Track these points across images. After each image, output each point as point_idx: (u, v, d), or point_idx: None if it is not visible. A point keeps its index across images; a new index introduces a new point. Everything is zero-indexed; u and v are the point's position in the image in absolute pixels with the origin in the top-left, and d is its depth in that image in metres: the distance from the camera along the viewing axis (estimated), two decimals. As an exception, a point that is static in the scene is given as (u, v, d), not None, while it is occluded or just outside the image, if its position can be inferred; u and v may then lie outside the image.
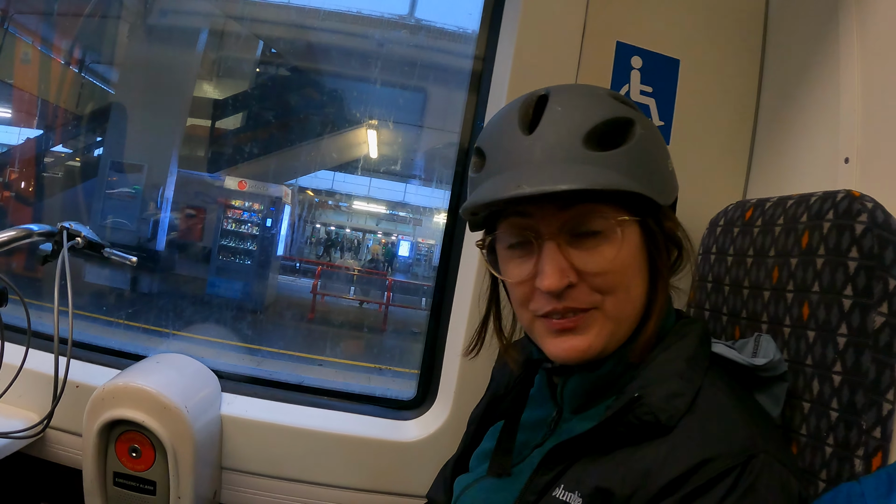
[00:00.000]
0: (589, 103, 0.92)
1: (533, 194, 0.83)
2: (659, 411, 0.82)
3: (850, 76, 1.22)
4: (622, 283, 0.89)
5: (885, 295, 0.89)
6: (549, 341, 0.93)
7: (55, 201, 7.43)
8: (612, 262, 0.88)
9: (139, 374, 1.47)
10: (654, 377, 0.87)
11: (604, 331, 0.90)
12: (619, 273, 0.89)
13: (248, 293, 8.32)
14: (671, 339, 0.93)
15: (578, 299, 0.89)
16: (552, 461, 0.89)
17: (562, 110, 0.90)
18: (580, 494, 0.84)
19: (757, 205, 1.18)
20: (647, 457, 0.81)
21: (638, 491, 0.79)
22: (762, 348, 1.00)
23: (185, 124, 7.96)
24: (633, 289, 0.91)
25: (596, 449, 0.86)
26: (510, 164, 0.90)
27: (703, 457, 0.77)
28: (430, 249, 12.48)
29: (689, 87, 1.55)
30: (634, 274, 0.91)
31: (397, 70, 7.87)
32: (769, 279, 1.09)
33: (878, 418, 0.87)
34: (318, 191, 11.76)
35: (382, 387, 5.05)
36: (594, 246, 0.88)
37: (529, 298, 0.93)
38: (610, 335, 0.90)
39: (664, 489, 0.78)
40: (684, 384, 0.86)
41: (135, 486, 1.42)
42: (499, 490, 0.98)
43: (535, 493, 0.89)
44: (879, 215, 0.91)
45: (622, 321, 0.91)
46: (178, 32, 7.61)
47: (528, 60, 1.50)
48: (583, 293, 0.89)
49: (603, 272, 0.88)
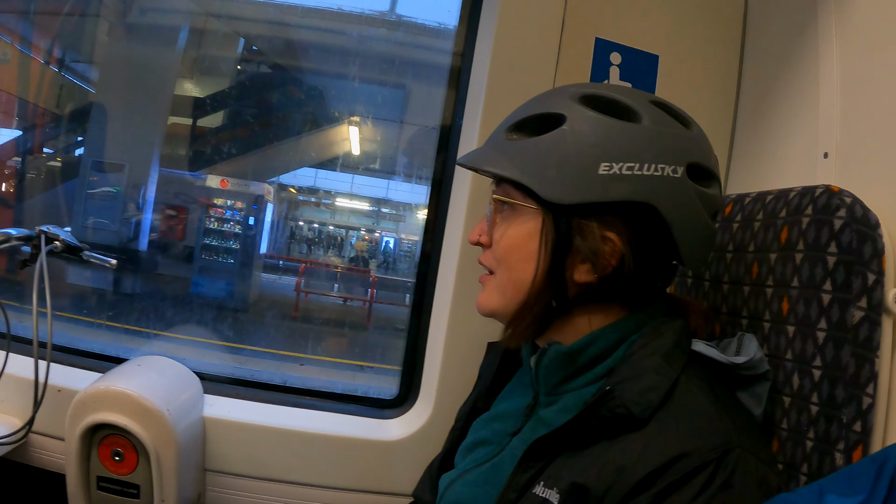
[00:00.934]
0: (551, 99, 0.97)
1: (458, 163, 1.04)
2: (631, 404, 0.83)
3: (829, 71, 1.23)
4: (507, 259, 0.97)
5: (864, 290, 0.89)
6: None
7: (35, 203, 7.33)
8: (504, 237, 0.97)
9: (121, 377, 1.45)
10: (630, 372, 0.88)
11: (494, 294, 1.00)
12: (506, 249, 0.97)
13: (232, 292, 8.24)
14: (650, 335, 0.93)
15: (486, 259, 1.02)
16: (533, 457, 0.90)
17: (526, 103, 1.01)
18: (558, 490, 0.84)
19: (736, 200, 1.19)
20: (621, 452, 0.81)
21: (612, 487, 0.79)
22: (744, 347, 1.01)
23: (166, 123, 7.89)
24: (516, 271, 0.96)
25: (573, 444, 0.87)
26: None
27: (678, 452, 0.78)
28: (412, 246, 12.48)
29: (669, 82, 1.56)
30: (521, 258, 0.95)
31: (378, 66, 7.84)
32: (749, 274, 1.09)
33: (859, 412, 0.88)
34: (301, 188, 11.70)
35: (366, 384, 5.05)
36: (502, 218, 0.99)
37: None
38: (498, 301, 0.99)
39: (638, 485, 0.78)
40: (659, 379, 0.86)
41: (118, 489, 1.41)
42: (483, 483, 0.99)
43: (517, 491, 0.89)
44: (858, 210, 0.92)
45: (505, 294, 0.98)
46: (158, 30, 7.51)
47: (506, 56, 1.49)
48: (488, 256, 1.01)
49: (495, 242, 0.99)
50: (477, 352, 1.29)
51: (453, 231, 1.58)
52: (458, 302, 1.52)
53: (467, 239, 1.07)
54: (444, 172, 1.70)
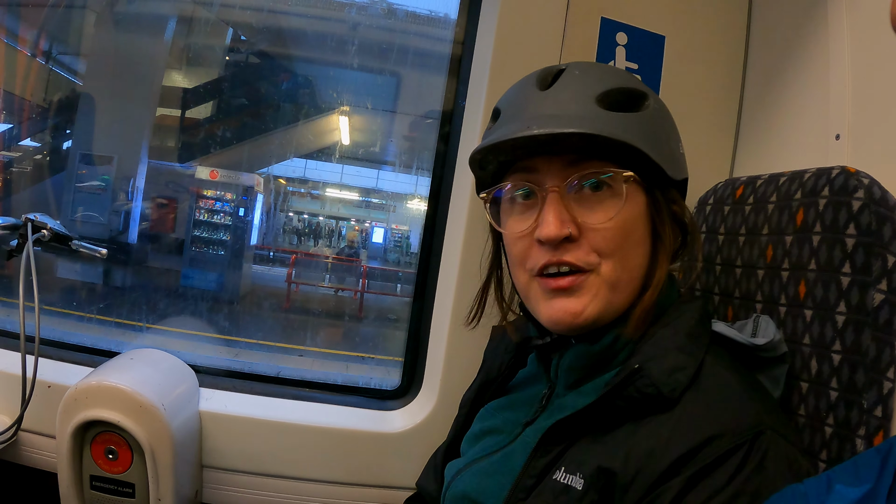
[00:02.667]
0: (605, 71, 0.96)
1: (540, 134, 0.84)
2: (660, 384, 0.80)
3: (839, 51, 1.20)
4: (621, 246, 0.88)
5: (884, 272, 0.87)
6: (543, 305, 0.91)
7: (23, 197, 7.28)
8: (614, 220, 0.87)
9: (113, 371, 1.41)
10: (654, 351, 0.85)
11: (599, 296, 0.88)
12: (619, 233, 0.88)
13: (223, 284, 8.23)
14: (670, 316, 0.91)
15: (576, 255, 0.88)
16: (551, 441, 0.87)
17: (579, 73, 0.92)
18: (582, 476, 0.81)
19: (748, 182, 1.16)
20: (650, 435, 0.79)
21: (641, 471, 0.77)
22: (761, 329, 0.99)
23: (154, 114, 7.83)
24: (631, 257, 0.90)
25: (596, 427, 0.84)
26: (521, 114, 0.91)
27: (709, 433, 0.75)
28: (402, 236, 12.49)
29: (675, 63, 1.53)
30: (636, 242, 0.90)
31: (369, 54, 7.80)
32: (763, 258, 1.07)
33: (879, 397, 0.86)
34: (291, 179, 11.65)
35: (360, 375, 5.05)
36: (598, 200, 0.88)
37: (527, 255, 0.92)
38: (605, 303, 0.89)
39: (669, 469, 0.75)
40: (686, 358, 0.84)
41: (113, 489, 1.37)
42: (492, 473, 0.96)
43: (534, 477, 0.87)
44: (876, 191, 0.90)
45: (618, 289, 0.89)
46: (145, 20, 7.46)
47: (510, 39, 1.46)
48: (581, 251, 0.88)
49: (603, 227, 0.87)
50: (482, 340, 1.26)
51: (456, 217, 1.55)
52: (462, 290, 1.49)
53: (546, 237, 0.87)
54: (446, 159, 1.67)
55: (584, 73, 0.92)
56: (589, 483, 0.80)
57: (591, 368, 0.93)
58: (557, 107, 0.89)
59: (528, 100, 0.92)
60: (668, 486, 0.75)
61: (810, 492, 0.64)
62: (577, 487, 0.81)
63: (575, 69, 0.93)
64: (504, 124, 0.92)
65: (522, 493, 0.87)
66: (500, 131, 0.90)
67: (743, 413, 0.78)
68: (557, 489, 0.83)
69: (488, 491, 0.94)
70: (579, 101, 0.88)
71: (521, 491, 0.87)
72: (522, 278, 0.94)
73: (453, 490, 1.02)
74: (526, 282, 0.94)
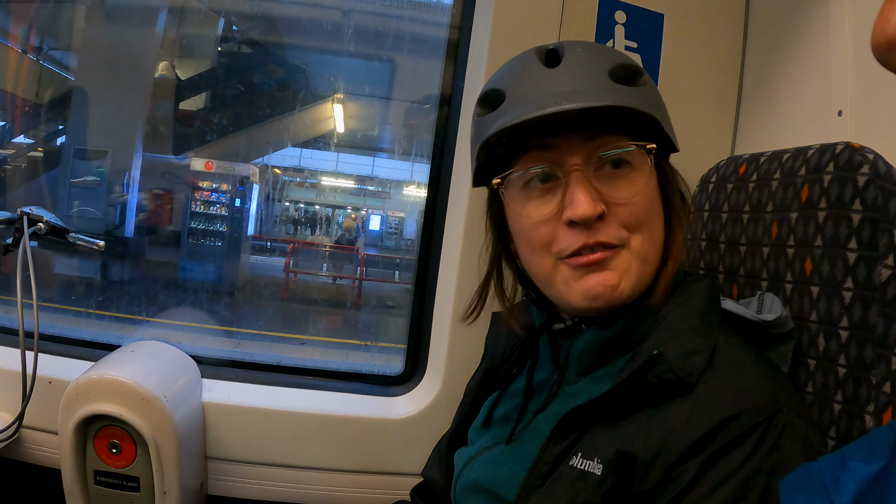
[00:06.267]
0: (602, 49, 0.95)
1: (573, 109, 0.81)
2: (678, 369, 0.80)
3: (840, 25, 1.19)
4: (648, 218, 0.88)
5: (891, 247, 0.86)
6: (575, 284, 0.88)
7: (18, 194, 7.26)
8: (642, 193, 0.87)
9: (114, 364, 1.40)
10: (668, 335, 0.85)
11: (632, 269, 0.87)
12: (647, 206, 0.88)
13: (221, 275, 8.23)
14: (680, 296, 0.90)
15: (608, 233, 0.86)
16: (566, 428, 0.86)
17: (582, 51, 0.90)
18: (600, 461, 0.81)
19: (750, 160, 1.15)
20: (668, 418, 0.79)
21: (661, 453, 0.77)
22: (766, 305, 0.99)
23: (148, 107, 7.79)
24: (655, 229, 0.90)
25: (612, 413, 0.84)
26: (538, 92, 0.87)
27: (728, 414, 0.75)
28: (399, 222, 12.50)
29: (674, 41, 1.52)
30: (657, 213, 0.90)
31: (363, 40, 7.75)
32: (768, 235, 1.06)
33: (888, 373, 0.85)
34: (287, 168, 11.62)
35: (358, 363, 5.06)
36: (624, 175, 0.88)
37: (552, 239, 0.89)
38: (637, 277, 0.88)
39: (689, 450, 0.75)
40: (700, 340, 0.84)
41: (117, 483, 1.36)
42: (505, 461, 0.95)
43: (549, 464, 0.86)
44: (882, 167, 0.89)
45: (647, 262, 0.89)
46: (136, 13, 7.42)
47: (508, 20, 1.44)
48: (612, 227, 0.86)
49: (632, 202, 0.86)
50: (486, 323, 1.24)
51: (457, 201, 1.54)
52: (464, 274, 1.48)
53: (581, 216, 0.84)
54: (445, 143, 1.66)
55: (587, 51, 0.90)
56: (608, 468, 0.80)
57: (603, 354, 0.93)
58: (576, 83, 0.86)
59: (541, 77, 0.89)
60: (687, 466, 0.75)
61: (825, 469, 0.64)
62: (596, 473, 0.80)
63: (577, 47, 0.91)
64: (517, 104, 0.88)
65: (538, 480, 0.86)
66: (516, 111, 0.86)
67: (759, 392, 0.78)
68: (574, 475, 0.82)
69: (501, 479, 0.93)
70: (595, 76, 0.87)
71: (537, 478, 0.87)
72: (547, 263, 0.91)
73: (464, 480, 1.01)
74: (551, 266, 0.90)
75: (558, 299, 0.93)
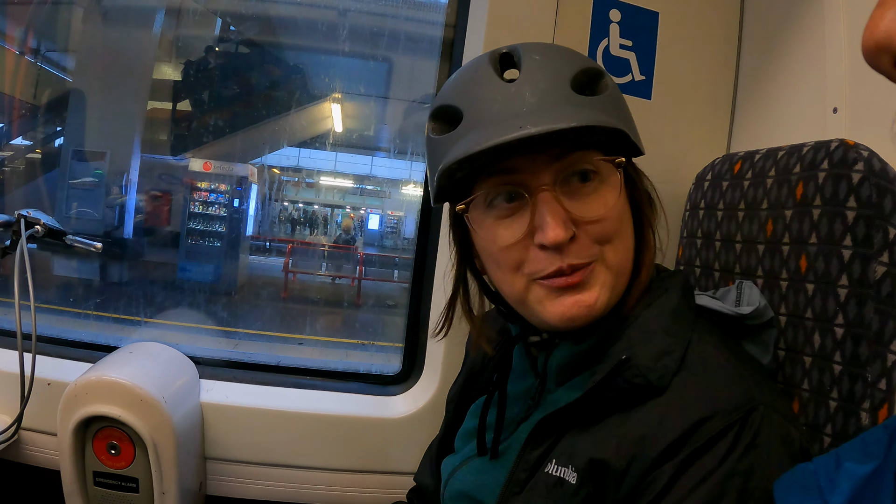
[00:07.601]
0: (561, 53, 0.89)
1: (539, 133, 0.76)
2: (648, 372, 0.78)
3: (835, 23, 1.20)
4: (619, 230, 0.85)
5: (886, 244, 0.87)
6: (549, 304, 0.86)
7: (17, 196, 7.26)
8: (613, 208, 0.84)
9: (112, 366, 1.41)
10: (640, 336, 0.83)
11: (607, 283, 0.85)
12: (617, 219, 0.85)
13: (220, 275, 8.21)
14: (652, 294, 0.89)
15: (580, 254, 0.83)
16: (540, 435, 0.86)
17: (540, 59, 0.86)
18: (574, 468, 0.80)
19: (745, 157, 1.16)
20: (640, 422, 0.77)
21: (635, 459, 0.76)
22: (745, 296, 0.98)
23: (146, 108, 7.78)
24: (626, 237, 0.87)
25: (585, 419, 0.82)
26: (498, 111, 0.83)
27: (700, 416, 0.74)
28: (398, 221, 12.48)
29: (669, 39, 1.52)
30: (627, 222, 0.88)
31: (360, 40, 7.74)
32: (763, 232, 1.06)
33: (883, 370, 0.86)
34: (285, 168, 11.60)
35: (357, 362, 5.06)
36: (592, 191, 0.84)
37: (523, 260, 0.86)
38: (611, 289, 0.86)
39: (662, 454, 0.74)
40: (672, 341, 0.82)
41: (116, 484, 1.37)
42: (488, 470, 0.95)
43: (527, 470, 0.85)
44: (876, 163, 0.89)
45: (620, 273, 0.87)
46: (133, 14, 7.41)
47: (503, 19, 1.44)
48: (584, 246, 0.83)
49: (603, 218, 0.83)
50: (483, 321, 1.25)
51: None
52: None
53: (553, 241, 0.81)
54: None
55: (546, 58, 0.86)
56: (583, 476, 0.79)
57: (581, 365, 0.91)
58: (538, 97, 0.82)
59: (498, 95, 0.84)
60: (662, 470, 0.74)
61: (819, 470, 0.64)
62: (571, 481, 0.79)
63: (534, 53, 0.86)
64: (477, 126, 0.83)
65: (517, 486, 0.86)
66: (476, 134, 0.82)
67: (733, 392, 0.76)
68: (550, 482, 0.81)
69: (485, 487, 0.93)
70: (557, 91, 0.83)
71: (516, 485, 0.86)
72: (518, 283, 0.88)
73: (451, 488, 1.01)
74: (523, 286, 0.87)
75: (532, 317, 0.90)
